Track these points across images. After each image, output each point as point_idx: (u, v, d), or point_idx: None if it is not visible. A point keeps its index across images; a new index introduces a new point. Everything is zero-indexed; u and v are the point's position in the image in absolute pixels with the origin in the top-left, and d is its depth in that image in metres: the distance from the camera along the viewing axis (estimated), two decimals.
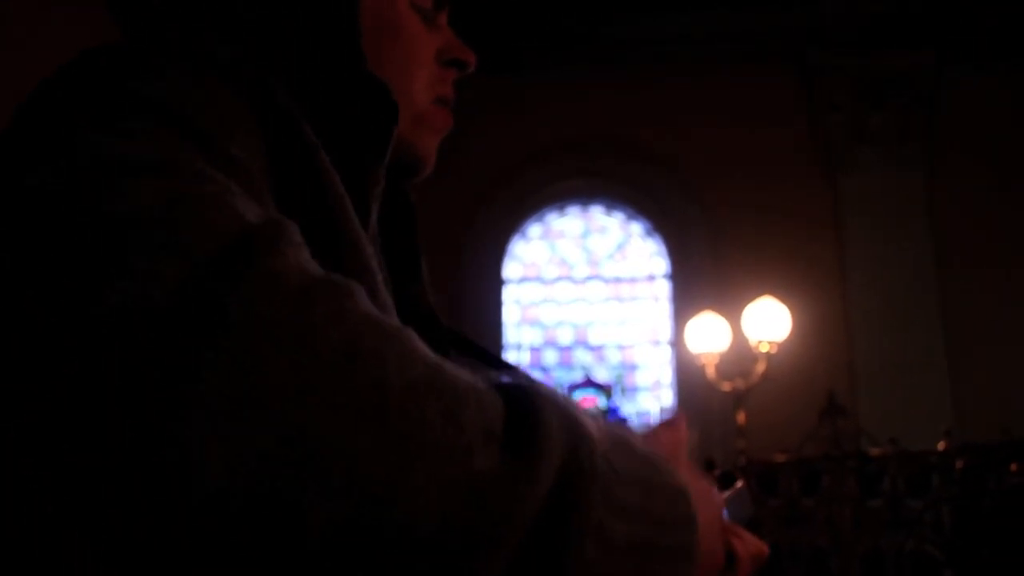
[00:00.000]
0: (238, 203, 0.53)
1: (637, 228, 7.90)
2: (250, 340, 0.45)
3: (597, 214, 7.99)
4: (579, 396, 7.63)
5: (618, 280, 7.85)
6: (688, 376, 6.95)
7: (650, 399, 7.60)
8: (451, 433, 0.47)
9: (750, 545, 0.67)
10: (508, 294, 7.78)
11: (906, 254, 7.05)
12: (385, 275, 0.73)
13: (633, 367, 7.69)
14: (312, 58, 0.77)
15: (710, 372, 6.00)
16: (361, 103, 0.76)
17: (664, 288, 7.73)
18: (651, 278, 7.80)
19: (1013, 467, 4.20)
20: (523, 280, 7.87)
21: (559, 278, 7.88)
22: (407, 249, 0.87)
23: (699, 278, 7.38)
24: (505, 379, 0.53)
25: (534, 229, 7.95)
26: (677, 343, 7.25)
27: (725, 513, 0.66)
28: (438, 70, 0.86)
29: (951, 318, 6.86)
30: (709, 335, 6.09)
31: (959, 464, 4.49)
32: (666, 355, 7.59)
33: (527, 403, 0.50)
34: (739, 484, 0.73)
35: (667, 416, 0.66)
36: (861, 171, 7.28)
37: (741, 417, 5.87)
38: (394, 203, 0.84)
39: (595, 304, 7.80)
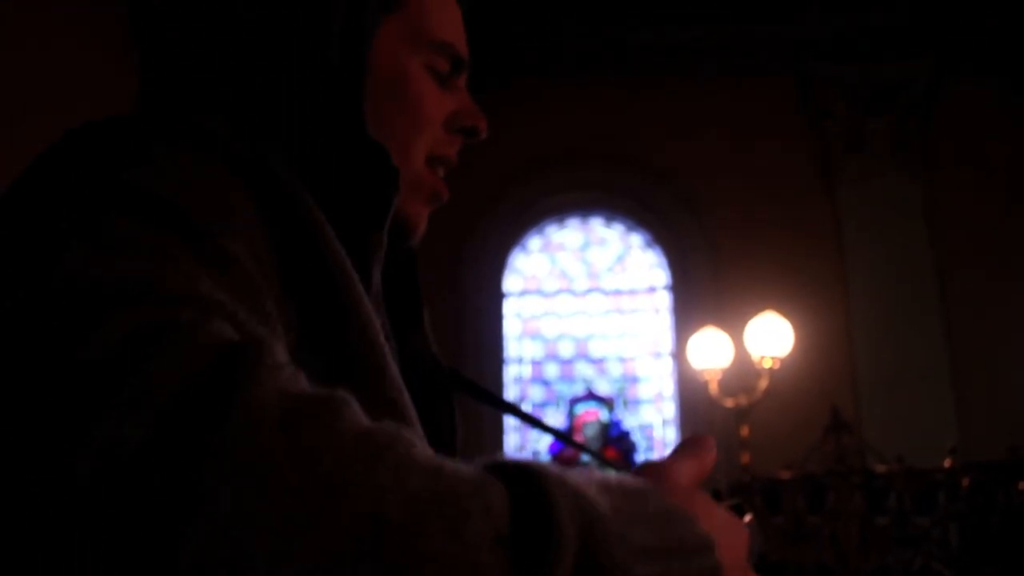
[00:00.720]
0: (221, 328, 0.50)
1: (637, 240, 7.88)
2: (231, 488, 0.43)
3: (597, 226, 7.97)
4: (581, 409, 7.61)
5: (618, 292, 7.82)
6: (690, 389, 6.92)
7: (652, 412, 7.57)
8: (456, 551, 0.44)
9: None
10: (509, 307, 7.76)
11: (907, 265, 7.03)
12: (387, 330, 0.72)
13: (635, 379, 7.67)
14: (313, 121, 0.75)
15: (713, 388, 5.97)
16: (361, 168, 0.74)
17: (665, 300, 7.70)
18: (651, 290, 7.78)
19: (1021, 485, 4.18)
20: (524, 293, 7.85)
21: (560, 291, 7.86)
22: (409, 298, 0.86)
23: (699, 289, 7.36)
24: (507, 460, 0.51)
25: (534, 242, 7.93)
26: (679, 355, 7.23)
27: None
28: (444, 135, 0.85)
29: (954, 329, 6.83)
30: (711, 350, 6.06)
31: (965, 482, 4.46)
32: (668, 367, 7.56)
33: (534, 490, 0.48)
34: (748, 518, 0.70)
35: (693, 439, 0.63)
36: (859, 181, 7.27)
37: (744, 432, 5.83)
38: (395, 252, 0.84)
39: (596, 317, 7.78)
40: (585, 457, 7.55)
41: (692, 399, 6.99)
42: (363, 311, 0.64)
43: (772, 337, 5.84)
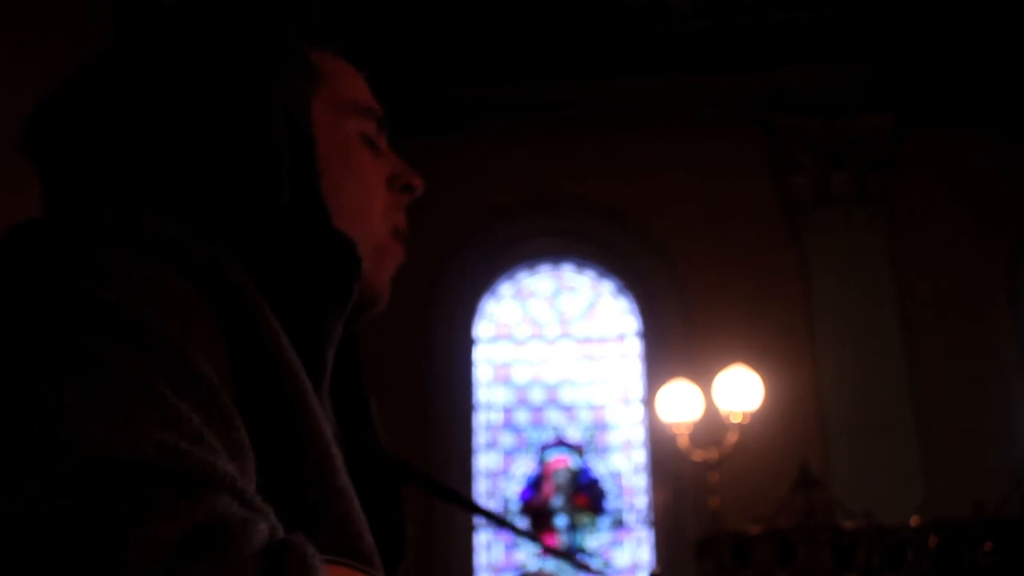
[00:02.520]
0: (258, 528, 0.47)
1: (607, 287, 7.91)
2: None
3: (568, 273, 8.00)
4: (551, 456, 7.59)
5: (589, 339, 7.84)
6: (661, 437, 6.93)
7: (623, 459, 7.57)
8: None
9: None
10: (480, 353, 7.75)
11: (872, 317, 7.10)
12: (335, 428, 0.71)
13: (605, 427, 7.67)
14: (268, 209, 0.73)
15: (682, 442, 5.98)
16: (324, 259, 0.73)
17: (635, 347, 7.73)
18: (621, 337, 7.80)
19: (988, 546, 4.21)
20: (495, 339, 7.84)
21: (530, 337, 7.86)
22: (355, 384, 0.85)
23: (669, 337, 7.39)
24: None
25: (505, 288, 7.94)
26: (649, 403, 7.24)
27: None
28: (390, 196, 0.86)
29: (919, 381, 6.89)
30: (680, 403, 6.07)
31: (933, 540, 4.48)
32: (638, 414, 7.57)
33: None
34: None
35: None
36: (826, 232, 7.35)
37: (714, 485, 5.84)
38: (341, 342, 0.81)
39: (566, 363, 7.78)
40: (557, 501, 7.56)
41: (662, 447, 6.99)
42: (317, 425, 0.63)
43: (741, 391, 5.87)
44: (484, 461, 7.53)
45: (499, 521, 0.94)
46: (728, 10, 7.25)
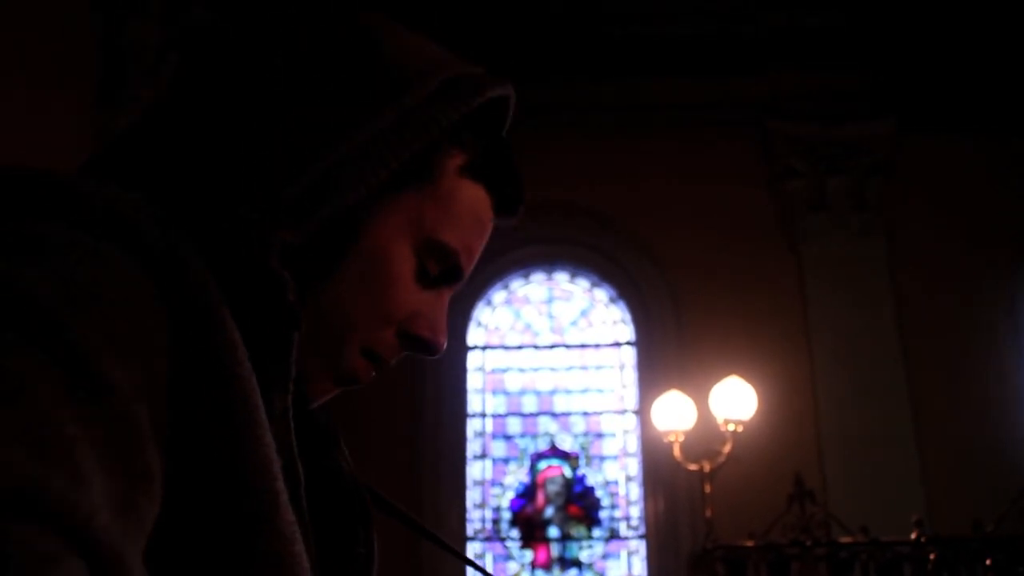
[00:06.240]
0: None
1: (602, 294, 7.82)
2: None
3: (562, 280, 7.91)
4: (544, 465, 7.50)
5: (583, 347, 7.75)
6: (655, 447, 6.83)
7: (616, 469, 7.47)
8: None
9: None
10: (472, 360, 7.65)
11: (870, 325, 7.01)
12: (292, 453, 0.63)
13: (599, 435, 7.57)
14: (231, 220, 0.65)
15: (676, 452, 5.90)
16: (268, 313, 0.64)
17: (630, 355, 7.63)
18: (616, 345, 7.71)
19: (988, 562, 4.12)
20: (487, 347, 7.75)
21: (523, 345, 7.77)
22: (320, 409, 0.78)
23: (664, 345, 7.30)
24: None
25: (498, 295, 7.84)
26: (642, 412, 7.14)
27: None
28: (391, 335, 0.76)
29: (917, 391, 6.80)
30: (674, 413, 5.99)
31: (931, 556, 4.39)
32: (632, 423, 7.47)
33: None
34: None
35: None
36: (822, 239, 7.27)
37: (708, 496, 5.75)
38: None
39: (560, 371, 7.69)
40: (549, 511, 7.46)
41: (656, 457, 6.90)
42: (261, 454, 0.57)
43: (736, 401, 5.78)
44: (476, 470, 7.43)
45: (453, 552, 0.89)
46: (725, 15, 7.18)
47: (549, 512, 7.43)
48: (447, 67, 0.75)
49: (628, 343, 7.66)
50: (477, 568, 0.90)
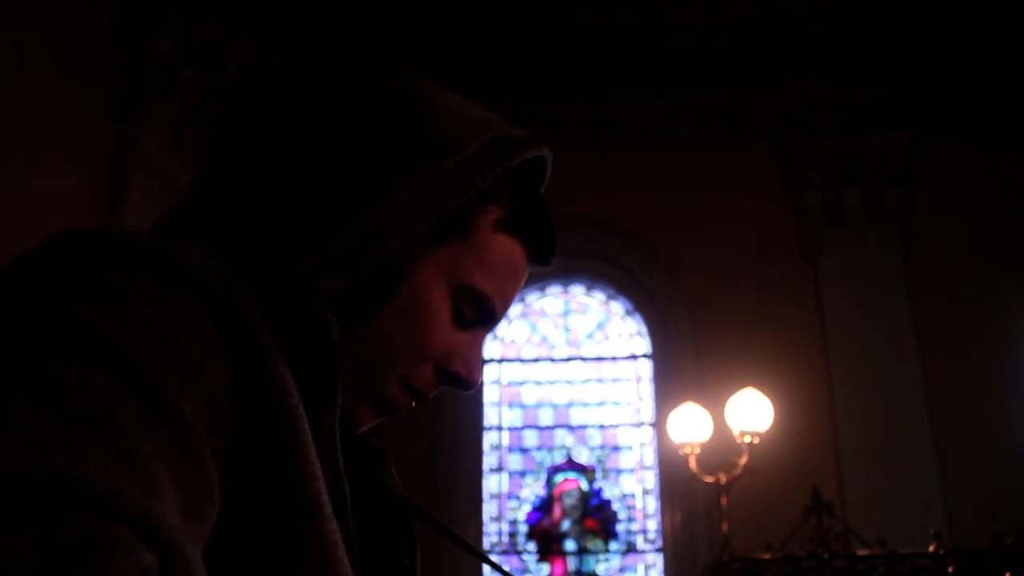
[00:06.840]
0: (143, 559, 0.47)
1: (618, 307, 7.81)
2: None
3: (578, 293, 7.90)
4: (560, 478, 7.48)
5: (599, 360, 7.73)
6: (671, 460, 6.81)
7: (633, 482, 7.44)
8: None
9: None
10: (488, 374, 7.65)
11: (888, 336, 6.97)
12: (341, 467, 0.70)
13: (616, 448, 7.54)
14: (283, 271, 0.73)
15: (692, 464, 5.87)
16: (316, 356, 0.71)
17: (646, 368, 7.61)
18: (633, 358, 7.69)
19: (1008, 575, 4.08)
20: (503, 360, 7.75)
21: (539, 358, 7.76)
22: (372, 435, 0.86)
23: (680, 357, 7.28)
24: None
25: (514, 308, 7.84)
26: (659, 425, 7.12)
27: None
28: (429, 371, 0.82)
29: (936, 402, 6.75)
30: (691, 425, 5.96)
31: (950, 569, 4.35)
32: (649, 436, 7.45)
33: None
34: None
35: None
36: (840, 251, 7.24)
37: (724, 509, 5.72)
38: None
39: (576, 384, 7.68)
40: (566, 524, 7.43)
41: (673, 470, 6.87)
42: (308, 470, 0.64)
43: (752, 413, 5.75)
44: (492, 483, 7.41)
45: (492, 564, 0.96)
46: (739, 27, 7.18)
47: (566, 525, 7.41)
48: (489, 128, 0.82)
49: (644, 356, 7.64)
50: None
